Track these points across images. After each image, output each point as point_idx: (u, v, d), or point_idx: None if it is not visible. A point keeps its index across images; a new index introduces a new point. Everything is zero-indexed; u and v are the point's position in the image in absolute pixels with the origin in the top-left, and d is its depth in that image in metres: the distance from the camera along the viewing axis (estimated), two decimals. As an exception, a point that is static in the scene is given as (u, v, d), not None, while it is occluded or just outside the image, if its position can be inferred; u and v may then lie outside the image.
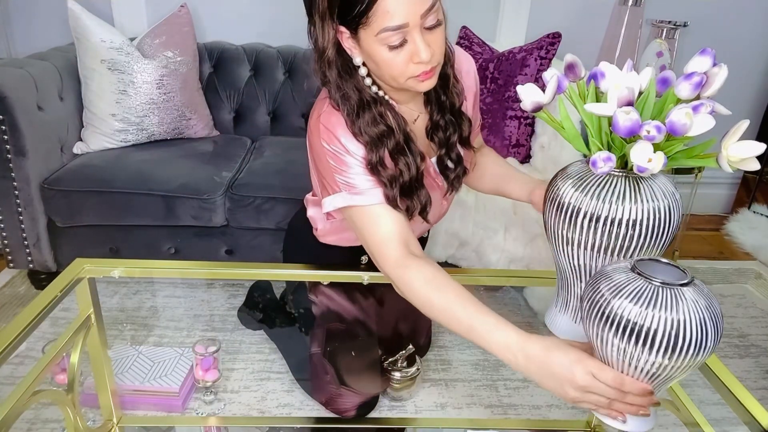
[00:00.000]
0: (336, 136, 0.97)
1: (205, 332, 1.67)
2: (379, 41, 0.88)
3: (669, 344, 0.67)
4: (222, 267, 1.24)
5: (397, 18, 0.85)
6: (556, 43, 1.88)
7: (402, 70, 0.91)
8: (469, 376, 1.54)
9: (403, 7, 0.85)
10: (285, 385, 1.47)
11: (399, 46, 0.88)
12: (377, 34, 0.87)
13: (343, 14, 0.89)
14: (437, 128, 1.07)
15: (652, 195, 0.77)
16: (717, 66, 0.75)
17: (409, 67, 0.91)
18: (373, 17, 0.86)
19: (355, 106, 0.96)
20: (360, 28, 0.89)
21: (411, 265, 0.92)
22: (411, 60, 0.90)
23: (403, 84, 0.95)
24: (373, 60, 0.92)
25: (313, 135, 1.01)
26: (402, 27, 0.86)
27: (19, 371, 1.47)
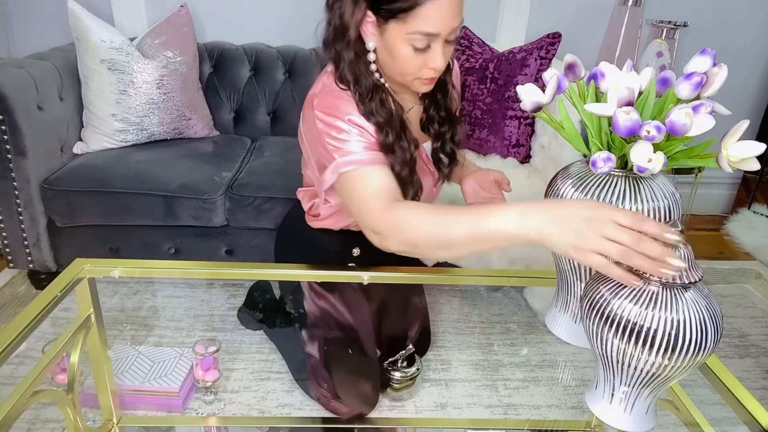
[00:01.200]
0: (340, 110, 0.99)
1: (205, 332, 1.67)
2: (407, 40, 0.93)
3: (669, 344, 0.67)
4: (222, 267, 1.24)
5: (432, 26, 0.92)
6: (556, 43, 1.88)
7: (414, 70, 0.98)
8: (469, 376, 1.54)
9: (441, 19, 0.91)
10: (285, 385, 1.47)
11: (422, 49, 0.94)
12: (409, 33, 0.92)
13: (380, 3, 0.93)
14: (432, 121, 1.13)
15: (652, 195, 0.78)
16: (717, 66, 0.75)
17: (422, 70, 0.98)
18: (411, 17, 0.91)
19: (368, 89, 1.00)
20: (393, 21, 0.93)
21: (398, 206, 0.90)
22: (425, 64, 0.97)
23: (407, 81, 1.00)
24: (391, 53, 0.96)
25: (307, 108, 1.03)
26: (432, 35, 0.93)
27: (19, 371, 1.47)
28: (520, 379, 1.54)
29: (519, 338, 1.72)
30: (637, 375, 0.71)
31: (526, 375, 1.55)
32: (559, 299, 0.94)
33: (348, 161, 0.98)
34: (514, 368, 1.58)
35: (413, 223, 0.86)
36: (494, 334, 1.72)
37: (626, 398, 0.76)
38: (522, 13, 2.28)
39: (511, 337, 1.72)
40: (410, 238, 0.87)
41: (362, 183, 0.97)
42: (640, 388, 0.74)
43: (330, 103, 1.00)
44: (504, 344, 1.68)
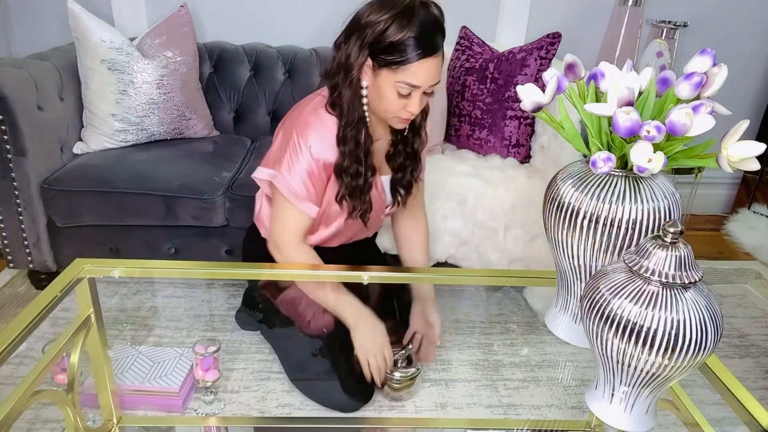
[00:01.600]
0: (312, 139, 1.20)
1: (205, 332, 1.67)
2: (394, 86, 1.13)
3: (669, 344, 0.67)
4: (222, 267, 1.24)
5: (416, 80, 1.12)
6: (556, 43, 1.88)
7: (395, 111, 1.17)
8: (469, 376, 1.54)
9: (425, 76, 1.12)
10: (285, 385, 1.47)
11: (405, 96, 1.14)
12: (397, 81, 1.12)
13: (378, 53, 1.12)
14: (398, 155, 1.31)
15: (652, 195, 0.78)
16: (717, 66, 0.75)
17: (402, 111, 1.17)
18: (402, 70, 1.11)
19: (354, 120, 1.19)
20: (386, 68, 1.12)
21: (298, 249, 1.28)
22: (405, 107, 1.16)
23: (387, 118, 1.20)
24: (379, 93, 1.16)
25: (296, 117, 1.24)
26: (415, 87, 1.13)
27: (19, 371, 1.47)
28: (520, 379, 1.54)
29: (519, 338, 1.72)
30: (637, 375, 0.71)
31: (526, 375, 1.55)
32: (559, 299, 0.94)
33: (287, 185, 1.22)
34: (514, 368, 1.58)
35: (293, 257, 1.26)
36: (494, 334, 1.72)
37: (626, 398, 0.76)
38: (522, 13, 2.28)
39: (511, 337, 1.72)
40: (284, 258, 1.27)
41: (288, 211, 1.25)
42: (640, 388, 0.74)
43: (307, 123, 1.21)
44: (504, 344, 1.68)
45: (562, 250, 0.85)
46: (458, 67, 2.02)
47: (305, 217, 1.26)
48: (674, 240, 0.69)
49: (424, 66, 1.11)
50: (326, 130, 1.20)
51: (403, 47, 1.09)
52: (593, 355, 0.78)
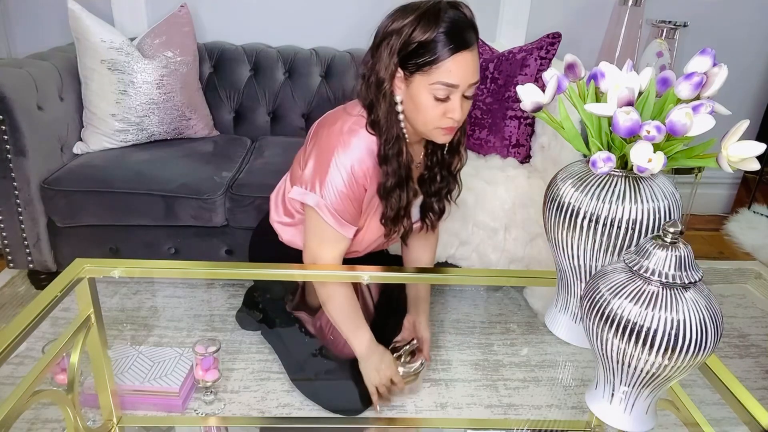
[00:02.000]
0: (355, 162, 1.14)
1: (205, 332, 1.67)
2: (430, 90, 1.06)
3: (669, 344, 0.67)
4: (222, 267, 1.24)
5: (453, 78, 1.05)
6: (556, 43, 1.88)
7: (435, 119, 1.09)
8: (469, 376, 1.54)
9: (462, 72, 1.05)
10: (285, 385, 1.47)
11: (443, 99, 1.07)
12: (432, 83, 1.05)
13: (408, 59, 1.06)
14: (433, 179, 1.27)
15: (652, 195, 0.78)
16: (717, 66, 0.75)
17: (442, 119, 1.09)
18: (435, 70, 1.04)
19: (392, 137, 1.13)
20: (418, 73, 1.06)
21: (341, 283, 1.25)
22: (445, 114, 1.08)
23: (428, 131, 1.13)
24: (415, 103, 1.09)
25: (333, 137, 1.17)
26: (453, 86, 1.05)
27: (19, 371, 1.47)
28: (520, 379, 1.54)
29: (519, 338, 1.72)
30: (637, 375, 0.71)
31: (526, 375, 1.55)
32: (559, 299, 0.94)
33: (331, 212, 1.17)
34: (514, 368, 1.58)
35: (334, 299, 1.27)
36: (494, 334, 1.72)
37: (626, 398, 0.76)
38: (522, 13, 2.28)
39: (511, 337, 1.72)
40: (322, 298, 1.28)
41: (328, 233, 1.20)
42: (640, 388, 0.74)
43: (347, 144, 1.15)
44: (504, 344, 1.68)
45: (562, 250, 0.85)
46: (458, 67, 2.02)
47: (345, 240, 1.22)
48: (674, 240, 0.69)
49: (458, 62, 1.04)
50: (366, 151, 1.15)
51: (432, 45, 1.03)
52: (593, 355, 0.78)
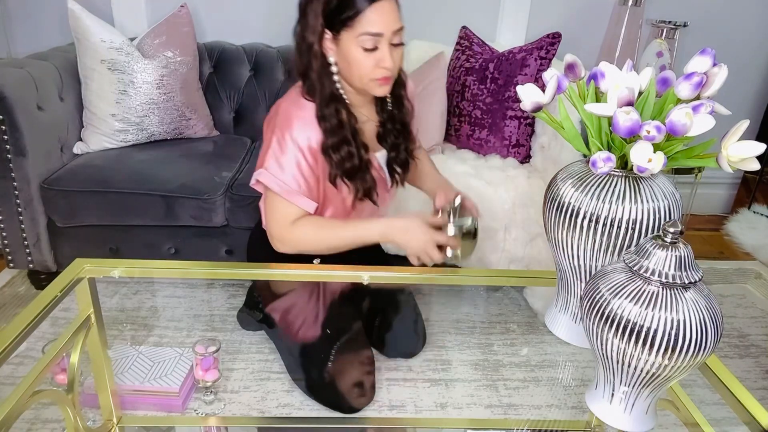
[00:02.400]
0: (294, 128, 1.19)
1: (205, 332, 1.67)
2: (358, 42, 1.12)
3: (669, 344, 0.67)
4: (222, 267, 1.24)
5: (376, 26, 1.10)
6: (556, 43, 1.88)
7: (368, 71, 1.15)
8: (469, 376, 1.54)
9: (382, 20, 1.11)
10: (285, 385, 1.47)
11: (371, 49, 1.12)
12: (357, 36, 1.11)
13: (332, 18, 1.12)
14: (389, 133, 1.31)
15: (652, 195, 0.78)
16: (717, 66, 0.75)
17: (375, 70, 1.15)
18: (358, 22, 1.10)
19: (327, 97, 1.19)
20: (344, 30, 1.12)
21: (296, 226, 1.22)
22: (377, 64, 1.14)
23: (364, 84, 1.17)
24: (347, 59, 1.15)
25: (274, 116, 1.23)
26: (377, 35, 1.11)
27: (19, 371, 1.47)
28: (520, 379, 1.54)
29: (519, 338, 1.72)
30: (637, 375, 0.71)
31: (526, 375, 1.55)
32: (559, 299, 0.94)
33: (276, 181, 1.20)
34: (514, 368, 1.58)
35: (307, 238, 1.23)
36: (494, 334, 1.72)
37: (626, 398, 0.76)
38: (522, 13, 2.28)
39: (511, 337, 1.72)
40: (304, 249, 1.24)
41: (280, 204, 1.23)
42: (640, 388, 0.74)
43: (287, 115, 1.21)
44: (504, 344, 1.68)
45: (562, 250, 0.85)
46: (458, 67, 2.02)
47: (300, 212, 1.24)
48: (674, 240, 0.69)
49: (377, 10, 1.10)
50: (307, 117, 1.19)
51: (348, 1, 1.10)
52: (593, 355, 0.78)
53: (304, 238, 1.22)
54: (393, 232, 1.20)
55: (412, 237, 1.19)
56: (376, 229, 1.21)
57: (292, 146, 1.19)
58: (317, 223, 1.24)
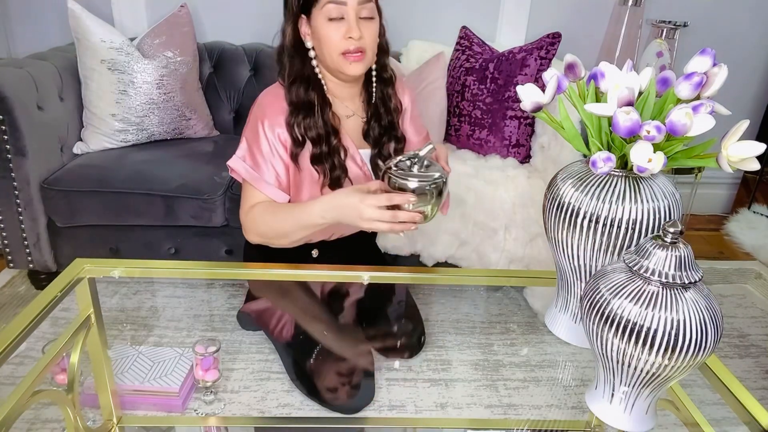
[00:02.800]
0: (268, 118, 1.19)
1: (205, 332, 1.67)
2: (323, 14, 1.12)
3: (669, 344, 0.67)
4: (222, 267, 1.24)
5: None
6: (556, 43, 1.88)
7: (336, 44, 1.14)
8: (469, 376, 1.54)
9: None
10: (285, 385, 1.47)
11: (337, 19, 1.12)
12: (322, 7, 1.12)
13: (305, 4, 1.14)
14: (373, 130, 1.29)
15: (652, 195, 0.78)
16: (717, 66, 0.75)
17: (342, 42, 1.13)
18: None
19: (296, 76, 1.20)
20: (314, 8, 1.13)
21: (254, 208, 1.21)
22: (344, 36, 1.13)
23: (335, 62, 1.16)
24: (318, 37, 1.15)
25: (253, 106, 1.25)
26: (340, 3, 1.11)
27: (19, 371, 1.47)
28: (520, 379, 1.53)
29: (519, 338, 1.72)
30: (637, 375, 0.71)
31: (526, 375, 1.55)
32: (559, 299, 0.94)
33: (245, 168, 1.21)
34: (514, 368, 1.58)
35: (260, 222, 1.20)
36: (494, 334, 1.72)
37: (626, 398, 0.76)
38: (522, 13, 2.28)
39: (511, 337, 1.72)
40: (261, 232, 1.21)
41: (247, 193, 1.24)
42: (640, 388, 0.74)
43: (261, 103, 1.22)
44: (504, 344, 1.68)
45: (562, 250, 0.85)
46: (458, 67, 2.02)
47: (262, 195, 1.23)
48: (674, 240, 0.69)
49: None
50: (279, 102, 1.20)
51: None
52: (593, 355, 0.78)
53: (258, 222, 1.20)
54: (331, 214, 1.09)
55: (350, 213, 1.05)
56: (315, 211, 1.11)
57: (263, 134, 1.20)
58: (269, 208, 1.20)
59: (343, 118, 1.27)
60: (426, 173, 1.00)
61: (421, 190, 0.99)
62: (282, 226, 1.18)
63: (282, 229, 1.18)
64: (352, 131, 1.28)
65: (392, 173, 1.00)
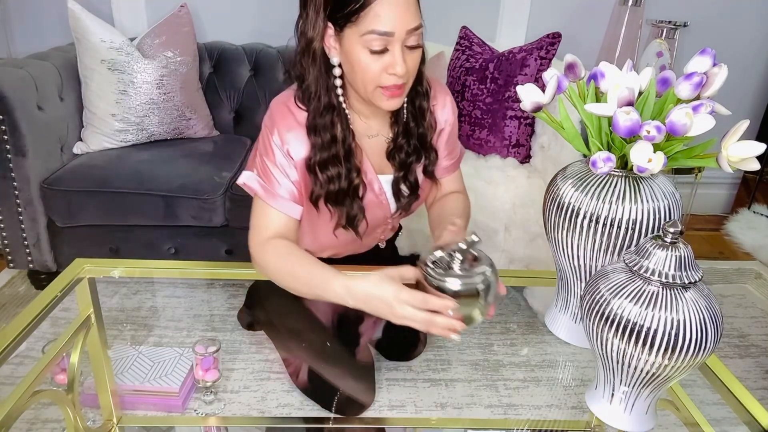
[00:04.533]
0: (279, 131, 1.04)
1: (205, 332, 1.67)
2: (363, 42, 0.92)
3: (669, 344, 0.67)
4: (222, 267, 1.24)
5: (385, 24, 0.90)
6: (556, 43, 1.88)
7: (374, 77, 0.95)
8: (469, 376, 1.54)
9: (394, 16, 0.90)
10: (285, 385, 1.47)
11: (379, 52, 0.93)
12: (363, 34, 0.91)
13: (335, 11, 0.93)
14: (400, 150, 1.11)
15: (652, 195, 0.78)
16: (717, 66, 0.75)
17: (382, 76, 0.95)
18: (364, 17, 0.90)
19: (321, 107, 1.02)
20: (347, 26, 0.93)
21: (270, 243, 1.03)
22: (386, 70, 0.95)
23: (369, 94, 0.98)
24: (351, 61, 0.96)
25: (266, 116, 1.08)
26: (387, 34, 0.91)
27: (19, 371, 1.47)
28: (520, 379, 1.53)
29: (519, 338, 1.72)
30: (637, 375, 0.71)
31: (526, 375, 1.55)
32: (559, 299, 0.94)
33: (259, 183, 1.06)
34: (514, 368, 1.58)
35: (273, 269, 1.01)
36: (494, 334, 1.72)
37: (626, 398, 0.76)
38: (522, 13, 2.28)
39: (511, 337, 1.72)
40: (271, 276, 1.02)
41: (264, 215, 1.06)
42: (640, 388, 0.74)
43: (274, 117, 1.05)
44: (504, 344, 1.68)
45: (562, 250, 0.85)
46: (458, 67, 2.02)
47: (284, 218, 1.06)
48: (674, 240, 0.69)
49: (388, 3, 0.89)
50: (296, 124, 1.04)
51: None
52: (593, 355, 0.78)
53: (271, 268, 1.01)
54: (357, 302, 0.90)
55: (381, 307, 0.87)
56: (338, 292, 0.92)
57: (278, 150, 1.05)
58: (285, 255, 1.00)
59: (364, 138, 1.10)
60: (470, 272, 0.82)
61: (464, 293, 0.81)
62: (295, 287, 0.99)
63: (294, 287, 1.00)
64: (373, 153, 1.11)
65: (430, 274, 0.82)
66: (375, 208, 1.14)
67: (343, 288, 0.91)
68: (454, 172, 1.24)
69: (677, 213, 0.79)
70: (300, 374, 1.43)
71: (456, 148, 1.23)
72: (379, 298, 0.86)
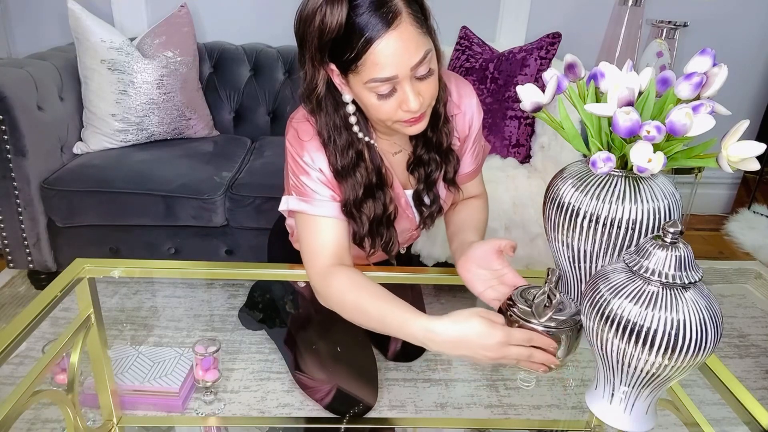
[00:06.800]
0: (308, 151, 0.98)
1: (205, 332, 1.67)
2: (369, 89, 0.87)
3: (669, 344, 0.67)
4: (222, 267, 1.24)
5: (386, 70, 0.83)
6: (556, 43, 1.88)
7: (390, 116, 0.90)
8: (469, 376, 1.54)
9: (393, 60, 0.83)
10: (285, 385, 1.47)
11: (388, 95, 0.87)
12: (366, 83, 0.86)
13: (333, 58, 0.88)
14: (419, 163, 1.06)
15: (652, 195, 0.77)
16: (717, 66, 0.75)
17: (398, 113, 0.90)
18: (363, 66, 0.84)
19: (340, 147, 0.97)
20: (350, 73, 0.87)
21: (333, 273, 0.95)
22: (400, 107, 0.89)
23: (391, 126, 0.94)
24: (362, 102, 0.91)
25: (287, 134, 1.02)
26: (391, 79, 0.85)
27: (19, 371, 1.47)
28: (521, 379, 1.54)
29: (519, 338, 1.71)
30: (637, 375, 0.71)
31: (527, 375, 1.55)
32: (559, 299, 0.94)
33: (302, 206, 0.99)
34: (514, 368, 1.58)
35: (335, 303, 0.94)
36: (494, 334, 1.72)
37: (626, 398, 0.76)
38: (522, 13, 2.28)
39: (511, 337, 1.72)
40: (334, 308, 0.95)
41: (312, 231, 0.99)
42: (640, 388, 0.74)
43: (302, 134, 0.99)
44: (504, 344, 1.68)
45: (562, 251, 0.85)
46: (458, 67, 2.02)
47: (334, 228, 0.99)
48: (674, 240, 0.68)
49: (383, 50, 0.82)
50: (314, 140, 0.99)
51: (346, 36, 0.82)
52: (593, 355, 0.78)
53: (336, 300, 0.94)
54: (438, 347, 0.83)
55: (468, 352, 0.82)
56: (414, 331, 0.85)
57: (310, 169, 0.99)
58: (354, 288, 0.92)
59: (389, 155, 1.06)
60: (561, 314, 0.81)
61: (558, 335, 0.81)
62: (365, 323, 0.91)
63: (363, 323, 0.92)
64: (399, 168, 1.08)
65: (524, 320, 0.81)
66: (403, 221, 1.11)
67: (423, 332, 0.84)
68: (475, 177, 1.20)
69: (677, 213, 0.79)
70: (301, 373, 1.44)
71: (479, 154, 1.17)
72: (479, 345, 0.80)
